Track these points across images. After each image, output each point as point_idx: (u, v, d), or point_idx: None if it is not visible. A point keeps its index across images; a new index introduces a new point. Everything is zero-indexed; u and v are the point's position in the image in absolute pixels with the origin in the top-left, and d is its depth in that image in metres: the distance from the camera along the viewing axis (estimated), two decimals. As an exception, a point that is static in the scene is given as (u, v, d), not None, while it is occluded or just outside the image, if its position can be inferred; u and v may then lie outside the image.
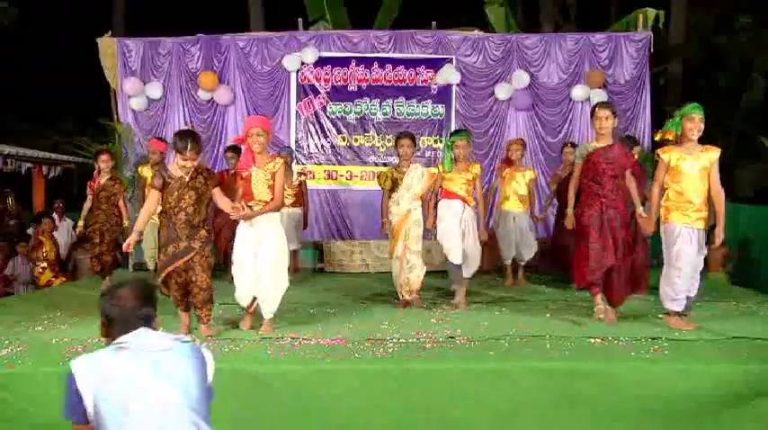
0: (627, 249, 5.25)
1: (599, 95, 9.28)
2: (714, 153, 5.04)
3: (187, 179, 4.81)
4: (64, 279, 9.02)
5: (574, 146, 7.18)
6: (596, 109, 5.34)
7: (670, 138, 5.22)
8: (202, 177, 4.86)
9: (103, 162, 7.12)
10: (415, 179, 6.13)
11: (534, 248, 7.57)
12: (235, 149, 7.63)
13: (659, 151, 5.23)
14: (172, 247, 4.79)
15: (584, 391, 3.96)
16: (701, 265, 5.23)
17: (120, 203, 7.23)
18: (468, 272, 6.13)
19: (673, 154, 5.09)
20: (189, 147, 4.70)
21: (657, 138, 5.56)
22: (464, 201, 6.08)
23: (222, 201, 4.93)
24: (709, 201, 5.07)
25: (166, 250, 4.83)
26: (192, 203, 4.80)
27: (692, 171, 5.03)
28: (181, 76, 9.54)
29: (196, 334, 4.82)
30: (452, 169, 6.11)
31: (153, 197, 4.91)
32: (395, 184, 6.22)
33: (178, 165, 4.80)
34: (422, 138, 9.42)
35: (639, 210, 5.37)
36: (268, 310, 5.00)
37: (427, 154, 9.38)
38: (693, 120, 5.01)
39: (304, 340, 4.67)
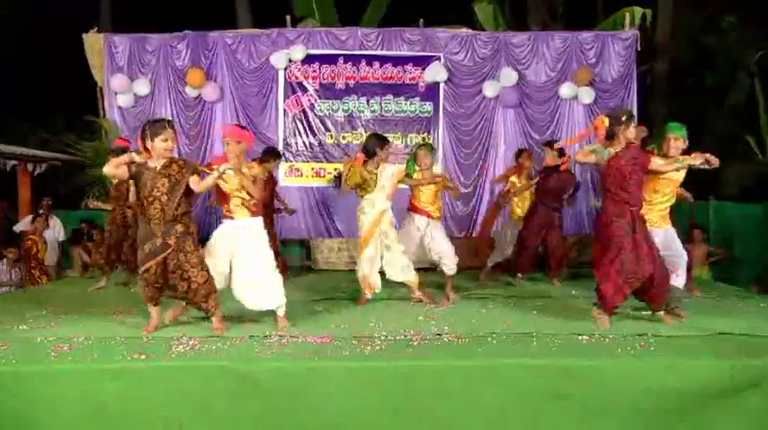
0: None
1: (587, 93, 9.33)
2: None
3: (159, 167, 4.75)
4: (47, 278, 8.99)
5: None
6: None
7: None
8: (177, 166, 4.79)
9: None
10: (387, 179, 6.17)
11: None
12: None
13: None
14: (148, 245, 4.74)
15: (571, 388, 3.98)
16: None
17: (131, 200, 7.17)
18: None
19: None
20: (168, 125, 4.75)
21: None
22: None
23: (198, 187, 4.82)
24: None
25: (143, 247, 4.76)
26: (165, 192, 4.71)
27: None
28: (168, 73, 9.49)
29: (191, 329, 4.81)
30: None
31: (120, 169, 4.75)
32: (364, 183, 6.16)
33: (159, 151, 4.73)
34: (410, 135, 9.43)
35: None
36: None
37: (415, 151, 9.38)
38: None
39: (291, 338, 4.66)
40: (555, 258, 7.45)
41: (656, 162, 5.13)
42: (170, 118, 5.34)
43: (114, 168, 4.72)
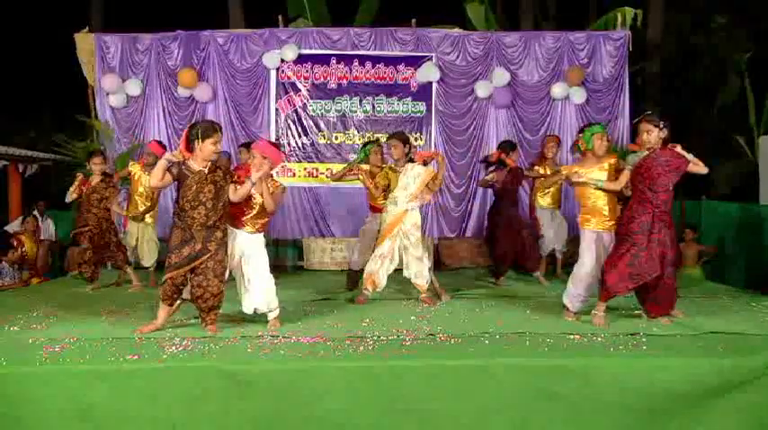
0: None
1: (578, 93, 9.36)
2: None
3: (206, 172, 4.77)
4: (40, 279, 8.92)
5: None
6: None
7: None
8: (221, 172, 4.84)
9: (95, 164, 7.04)
10: (411, 178, 6.14)
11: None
12: (247, 146, 7.68)
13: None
14: (187, 249, 4.72)
15: (563, 387, 3.99)
16: None
17: (113, 207, 7.13)
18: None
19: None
20: (219, 129, 4.79)
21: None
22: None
23: (236, 195, 4.88)
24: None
25: (180, 251, 4.73)
26: (211, 198, 4.75)
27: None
28: (160, 73, 9.47)
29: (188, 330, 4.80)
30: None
31: (165, 178, 4.73)
32: (389, 184, 6.24)
33: (206, 153, 4.74)
34: (402, 135, 9.44)
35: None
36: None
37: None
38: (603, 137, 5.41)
39: (284, 338, 4.66)
40: (530, 255, 7.46)
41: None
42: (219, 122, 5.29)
43: (160, 180, 4.74)
